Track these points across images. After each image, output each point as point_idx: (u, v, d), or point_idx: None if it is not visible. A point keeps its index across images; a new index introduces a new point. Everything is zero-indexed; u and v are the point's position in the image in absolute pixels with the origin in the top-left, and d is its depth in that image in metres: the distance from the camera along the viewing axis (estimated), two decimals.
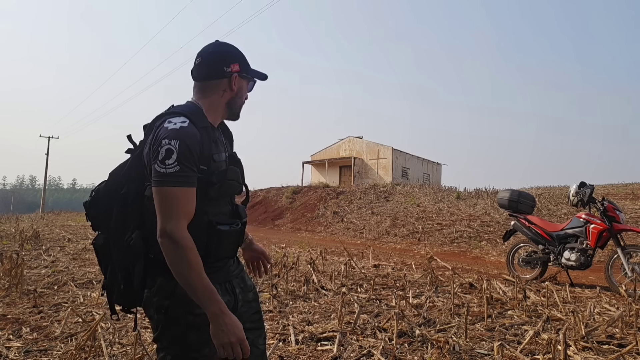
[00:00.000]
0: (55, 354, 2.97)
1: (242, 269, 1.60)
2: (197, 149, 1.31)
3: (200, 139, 1.33)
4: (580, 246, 5.50)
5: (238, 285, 1.50)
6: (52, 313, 3.99)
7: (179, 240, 1.24)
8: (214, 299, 1.25)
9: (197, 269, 1.25)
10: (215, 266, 1.41)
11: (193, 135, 1.31)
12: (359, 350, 3.03)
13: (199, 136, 1.32)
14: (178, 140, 1.27)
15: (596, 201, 5.53)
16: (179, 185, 1.27)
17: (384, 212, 15.96)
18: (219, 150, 1.41)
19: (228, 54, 1.47)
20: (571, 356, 2.86)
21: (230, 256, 1.47)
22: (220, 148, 1.42)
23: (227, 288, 1.45)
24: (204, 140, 1.34)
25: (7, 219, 19.01)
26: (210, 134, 1.38)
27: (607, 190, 14.99)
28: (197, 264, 1.25)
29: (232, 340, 1.24)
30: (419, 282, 5.49)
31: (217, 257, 1.41)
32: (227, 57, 1.46)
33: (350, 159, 30.58)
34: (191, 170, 1.29)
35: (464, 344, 3.12)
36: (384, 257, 8.04)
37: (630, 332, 3.38)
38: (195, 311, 1.31)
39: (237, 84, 1.46)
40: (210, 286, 1.26)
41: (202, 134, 1.34)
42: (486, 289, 4.33)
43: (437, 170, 36.61)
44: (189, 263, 1.24)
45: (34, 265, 6.62)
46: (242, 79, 1.48)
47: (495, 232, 11.05)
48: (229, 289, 1.45)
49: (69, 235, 11.47)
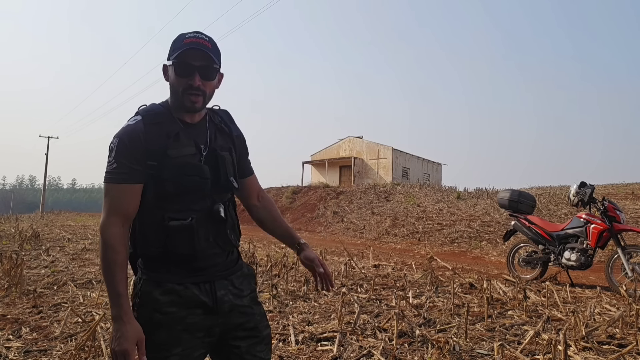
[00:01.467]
0: (55, 354, 2.97)
1: (239, 271, 1.47)
2: (139, 145, 1.29)
3: (144, 135, 1.31)
4: (581, 246, 5.49)
5: (225, 287, 1.40)
6: (52, 313, 3.98)
7: (102, 235, 1.27)
8: (118, 302, 1.24)
9: (111, 268, 1.26)
10: (188, 265, 1.36)
11: (134, 131, 1.30)
12: (359, 350, 3.03)
13: (142, 132, 1.31)
14: (118, 138, 1.30)
15: (596, 201, 5.52)
16: (113, 182, 1.29)
17: (384, 212, 15.96)
18: (178, 145, 1.34)
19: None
20: (571, 356, 2.85)
21: (188, 253, 1.34)
22: (182, 143, 1.34)
23: (206, 289, 1.36)
24: (151, 135, 1.31)
25: (7, 219, 19.02)
26: (165, 129, 1.34)
27: (608, 190, 14.99)
28: (113, 263, 1.26)
29: (116, 349, 1.21)
30: (419, 282, 5.48)
31: (178, 254, 1.33)
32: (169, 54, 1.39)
33: (350, 159, 30.57)
34: (129, 167, 1.29)
35: (464, 344, 3.12)
36: (384, 257, 8.04)
37: (631, 332, 3.37)
38: (163, 309, 1.30)
39: (167, 73, 1.39)
40: (118, 289, 1.25)
41: (151, 130, 1.32)
42: (486, 289, 4.33)
43: (437, 170, 36.61)
44: (105, 260, 1.27)
45: (34, 265, 6.62)
46: (169, 66, 1.37)
47: (495, 232, 11.05)
48: (207, 290, 1.36)
49: (68, 235, 11.47)
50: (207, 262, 1.38)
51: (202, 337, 1.36)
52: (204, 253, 1.37)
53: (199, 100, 1.36)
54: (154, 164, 1.31)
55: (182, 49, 1.32)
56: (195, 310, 1.34)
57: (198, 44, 1.32)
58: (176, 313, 1.32)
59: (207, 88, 1.37)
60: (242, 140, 1.55)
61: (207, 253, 1.38)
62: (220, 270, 1.41)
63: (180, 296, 1.33)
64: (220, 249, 1.41)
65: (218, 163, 1.39)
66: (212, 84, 1.40)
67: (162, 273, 1.35)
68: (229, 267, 1.44)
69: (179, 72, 1.34)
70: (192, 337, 1.34)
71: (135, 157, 1.29)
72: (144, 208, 1.34)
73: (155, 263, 1.36)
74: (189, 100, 1.35)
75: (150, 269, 1.36)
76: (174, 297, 1.33)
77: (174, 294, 1.33)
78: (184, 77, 1.33)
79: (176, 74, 1.35)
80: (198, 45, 1.32)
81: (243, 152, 1.55)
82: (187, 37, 1.34)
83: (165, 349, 1.31)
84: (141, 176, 1.31)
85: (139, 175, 1.30)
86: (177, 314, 1.32)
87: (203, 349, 1.38)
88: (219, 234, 1.40)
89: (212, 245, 1.39)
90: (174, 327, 1.31)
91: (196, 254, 1.35)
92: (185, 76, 1.33)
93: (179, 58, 1.33)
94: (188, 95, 1.34)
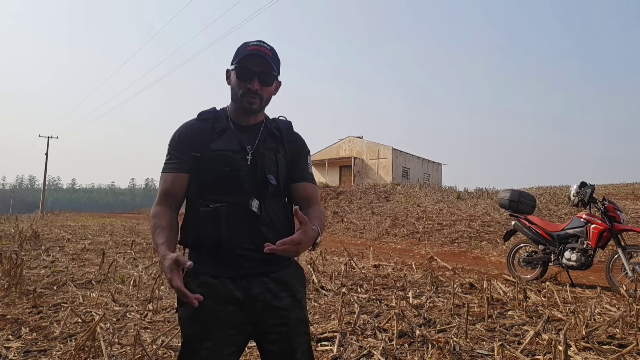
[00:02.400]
0: (55, 354, 2.97)
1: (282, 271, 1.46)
2: (187, 139, 1.47)
3: (193, 129, 1.48)
4: (581, 246, 5.49)
5: (261, 285, 1.41)
6: (52, 313, 3.98)
7: (151, 213, 1.46)
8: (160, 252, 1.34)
9: (152, 231, 1.40)
10: (218, 255, 1.40)
11: (186, 127, 1.50)
12: (359, 350, 3.03)
13: (193, 126, 1.49)
14: (174, 133, 1.51)
15: (597, 201, 5.52)
16: (164, 171, 1.49)
17: (384, 212, 15.95)
18: (222, 140, 1.47)
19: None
20: (572, 356, 2.85)
21: (214, 241, 1.39)
22: (226, 139, 1.47)
23: (242, 285, 1.39)
24: (199, 130, 1.48)
25: (7, 219, 19.00)
26: (213, 125, 1.48)
27: (608, 190, 14.99)
28: (154, 227, 1.41)
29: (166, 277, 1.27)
30: (419, 282, 5.48)
31: (207, 242, 1.40)
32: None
33: (350, 159, 30.57)
34: (177, 158, 1.47)
35: (465, 345, 3.11)
36: (384, 257, 8.03)
37: (631, 332, 3.37)
38: (181, 304, 1.39)
39: (229, 77, 1.51)
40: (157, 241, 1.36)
41: (200, 125, 1.49)
42: (486, 289, 4.32)
43: (437, 170, 36.63)
44: (151, 228, 1.42)
45: (34, 265, 6.61)
46: (232, 70, 1.49)
47: (495, 232, 11.05)
48: (243, 286, 1.39)
49: (68, 235, 11.47)
50: (241, 256, 1.41)
51: (233, 334, 1.38)
52: (233, 244, 1.39)
53: (257, 102, 1.47)
54: (197, 155, 1.45)
55: (244, 55, 1.44)
56: (228, 306, 1.38)
57: (259, 52, 1.43)
58: (209, 307, 1.35)
59: (265, 93, 1.48)
60: (295, 146, 1.58)
61: (238, 246, 1.40)
62: (257, 267, 1.42)
63: (214, 290, 1.38)
64: (255, 246, 1.41)
65: (258, 160, 1.46)
66: (270, 90, 1.51)
67: (201, 265, 1.40)
68: (269, 265, 1.43)
69: (239, 76, 1.46)
70: (223, 334, 1.37)
71: (182, 150, 1.47)
72: (189, 198, 1.47)
73: (195, 254, 1.45)
74: (247, 101, 1.46)
75: (192, 260, 1.41)
76: (208, 290, 1.37)
77: (209, 287, 1.38)
78: (244, 81, 1.45)
79: (237, 78, 1.47)
80: (259, 53, 1.43)
81: (296, 158, 1.57)
82: (250, 45, 1.46)
83: (197, 342, 1.36)
84: (187, 166, 1.46)
85: (185, 166, 1.46)
86: (211, 307, 1.36)
87: (234, 347, 1.39)
88: (253, 229, 1.42)
89: (246, 241, 1.41)
90: (207, 321, 1.36)
91: (222, 243, 1.39)
92: (245, 80, 1.45)
93: (240, 63, 1.44)
94: (246, 98, 1.46)
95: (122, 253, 8.11)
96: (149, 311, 4.00)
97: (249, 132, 1.51)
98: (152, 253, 7.73)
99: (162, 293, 4.62)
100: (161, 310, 4.05)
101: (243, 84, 1.45)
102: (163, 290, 4.78)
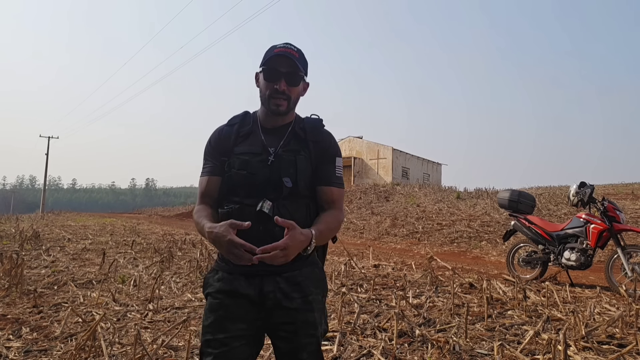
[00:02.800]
0: (55, 354, 2.97)
1: (298, 271, 1.47)
2: (216, 144, 1.56)
3: (222, 134, 1.56)
4: (581, 246, 5.49)
5: (274, 284, 1.43)
6: (52, 313, 3.99)
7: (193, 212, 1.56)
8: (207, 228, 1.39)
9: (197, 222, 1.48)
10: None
11: (216, 132, 1.59)
12: (359, 350, 3.03)
13: (222, 132, 1.57)
14: (208, 139, 1.60)
15: (596, 201, 5.52)
16: (201, 175, 1.58)
17: (384, 212, 15.96)
18: (245, 144, 1.52)
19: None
20: (571, 356, 2.85)
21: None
22: (250, 142, 1.52)
23: (255, 282, 1.43)
24: (226, 135, 1.55)
25: (7, 219, 19.00)
26: (238, 129, 1.54)
27: (607, 190, 15.00)
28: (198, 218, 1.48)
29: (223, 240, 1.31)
30: (419, 282, 5.49)
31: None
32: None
33: (350, 159, 30.56)
34: (208, 162, 1.56)
35: (464, 344, 3.12)
36: (384, 257, 8.04)
37: (631, 332, 3.38)
38: (213, 294, 1.47)
39: (258, 80, 1.55)
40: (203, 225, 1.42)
41: (227, 130, 1.56)
42: (486, 289, 4.33)
43: (437, 170, 36.62)
44: (195, 223, 1.50)
45: (34, 265, 6.62)
46: (260, 73, 1.53)
47: (495, 232, 11.05)
48: (255, 284, 1.43)
49: (69, 235, 11.47)
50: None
51: (244, 329, 1.42)
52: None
53: (284, 104, 1.49)
54: (225, 159, 1.52)
55: (271, 56, 1.47)
56: (240, 301, 1.43)
57: (286, 53, 1.46)
58: (223, 300, 1.44)
59: (292, 93, 1.50)
60: (321, 147, 1.54)
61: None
62: (270, 266, 1.40)
63: (227, 284, 1.45)
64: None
65: (276, 163, 1.48)
66: (297, 90, 1.53)
67: (222, 261, 1.50)
68: (283, 265, 1.41)
69: (267, 77, 1.49)
70: (234, 327, 1.41)
71: (213, 154, 1.56)
72: (218, 200, 1.56)
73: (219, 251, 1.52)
74: (274, 103, 1.48)
75: (219, 257, 1.54)
76: (222, 284, 1.46)
77: (223, 282, 1.46)
78: (271, 82, 1.48)
79: (265, 79, 1.49)
80: (286, 54, 1.46)
81: (321, 160, 1.54)
82: (278, 47, 1.48)
83: (210, 333, 1.42)
84: (219, 170, 1.54)
85: (217, 169, 1.54)
86: (223, 301, 1.44)
87: (244, 340, 1.42)
88: (267, 230, 1.42)
89: (260, 241, 1.38)
90: (220, 314, 1.43)
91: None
92: (272, 81, 1.48)
93: (267, 64, 1.48)
94: (274, 99, 1.48)
95: (122, 253, 8.12)
96: (150, 311, 4.01)
97: (276, 134, 1.53)
98: (152, 253, 7.73)
99: (162, 293, 4.63)
100: (161, 310, 4.06)
101: (270, 85, 1.47)
102: (163, 290, 4.79)
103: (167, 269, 6.32)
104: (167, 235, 12.08)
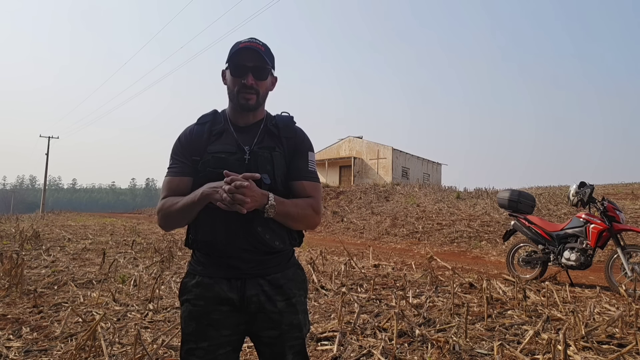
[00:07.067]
0: (55, 354, 2.98)
1: (280, 273, 1.45)
2: (187, 143, 1.48)
3: (193, 133, 1.49)
4: (580, 246, 5.50)
5: (257, 287, 1.40)
6: (52, 313, 3.99)
7: (158, 210, 1.46)
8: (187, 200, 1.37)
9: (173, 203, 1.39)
10: (213, 255, 1.42)
11: (186, 131, 1.51)
12: (359, 350, 3.03)
13: (193, 131, 1.50)
14: (177, 138, 1.52)
15: (596, 201, 5.52)
16: (167, 175, 1.49)
17: (384, 212, 15.96)
18: (219, 142, 1.46)
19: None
20: (571, 356, 2.86)
21: (207, 240, 1.41)
22: (223, 141, 1.46)
23: (237, 286, 1.39)
24: (198, 134, 1.48)
25: (7, 219, 19.01)
26: (211, 127, 1.48)
27: (607, 190, 15.00)
28: (171, 202, 1.40)
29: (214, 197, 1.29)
30: (419, 282, 5.49)
31: (200, 241, 1.43)
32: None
33: (350, 159, 30.57)
34: (177, 162, 1.48)
35: (464, 344, 3.12)
36: (384, 257, 8.04)
37: (630, 332, 3.38)
38: (192, 301, 1.41)
39: (225, 78, 1.50)
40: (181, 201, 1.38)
41: (199, 129, 1.49)
42: (486, 288, 4.33)
43: (437, 170, 36.62)
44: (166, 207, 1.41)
45: (34, 265, 6.62)
46: (226, 70, 1.48)
47: (495, 232, 11.05)
48: (237, 287, 1.39)
49: (69, 235, 11.47)
50: (236, 257, 1.40)
51: (228, 335, 1.40)
52: (226, 245, 1.40)
53: (253, 97, 1.45)
54: (197, 159, 1.46)
55: (236, 50, 1.42)
56: (222, 307, 1.39)
57: (252, 47, 1.42)
58: (203, 307, 1.39)
59: (261, 87, 1.46)
60: (294, 142, 1.51)
61: (232, 247, 1.40)
62: (253, 269, 1.41)
63: (208, 290, 1.40)
64: (251, 246, 1.40)
65: (253, 160, 1.43)
66: (266, 84, 1.48)
67: (198, 265, 1.45)
68: (266, 267, 1.42)
69: (234, 73, 1.44)
70: (218, 334, 1.38)
71: (183, 154, 1.48)
72: None
73: (195, 254, 1.48)
74: (243, 98, 1.44)
75: (193, 260, 1.48)
76: (203, 290, 1.40)
77: (203, 288, 1.40)
78: (238, 77, 1.43)
79: (231, 75, 1.45)
80: (251, 47, 1.42)
81: (294, 155, 1.51)
82: (242, 42, 1.44)
83: (192, 341, 1.39)
84: (188, 170, 1.47)
85: (187, 169, 1.47)
86: (204, 308, 1.39)
87: (229, 346, 1.40)
88: (249, 231, 1.39)
89: (241, 241, 1.39)
90: (201, 321, 1.38)
91: (216, 244, 1.40)
92: (239, 76, 1.43)
93: (233, 59, 1.43)
94: (242, 94, 1.44)
95: (122, 253, 8.12)
96: (150, 311, 4.01)
97: (248, 132, 1.48)
98: (153, 253, 7.74)
99: (162, 293, 4.63)
100: (161, 310, 4.06)
101: (237, 80, 1.43)
102: (163, 290, 4.79)
103: (167, 268, 6.32)
104: (167, 235, 12.08)
